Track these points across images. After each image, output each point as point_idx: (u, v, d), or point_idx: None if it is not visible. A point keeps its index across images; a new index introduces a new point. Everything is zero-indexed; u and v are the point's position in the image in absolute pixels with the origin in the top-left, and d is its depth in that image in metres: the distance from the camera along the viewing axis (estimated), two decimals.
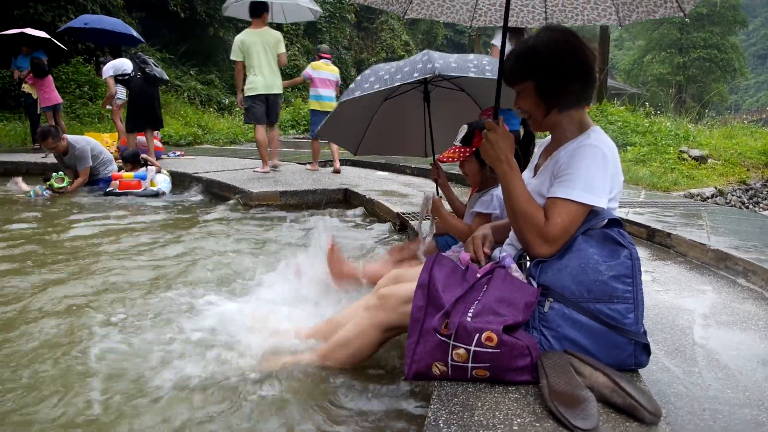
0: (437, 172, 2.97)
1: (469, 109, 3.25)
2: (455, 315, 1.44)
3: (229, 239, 4.19)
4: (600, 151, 1.61)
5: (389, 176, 7.27)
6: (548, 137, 1.86)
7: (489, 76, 2.69)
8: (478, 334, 1.39)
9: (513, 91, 1.78)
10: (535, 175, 1.81)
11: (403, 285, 1.92)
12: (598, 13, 2.77)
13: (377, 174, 7.46)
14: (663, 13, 2.58)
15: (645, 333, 1.51)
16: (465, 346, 1.40)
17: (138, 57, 7.58)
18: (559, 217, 1.56)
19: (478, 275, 1.60)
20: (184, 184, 6.56)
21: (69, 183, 6.14)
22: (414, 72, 2.74)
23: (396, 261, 2.81)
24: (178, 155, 9.06)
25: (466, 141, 2.43)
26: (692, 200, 6.18)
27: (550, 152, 1.77)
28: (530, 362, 1.41)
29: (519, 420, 1.27)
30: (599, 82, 12.81)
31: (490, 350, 1.39)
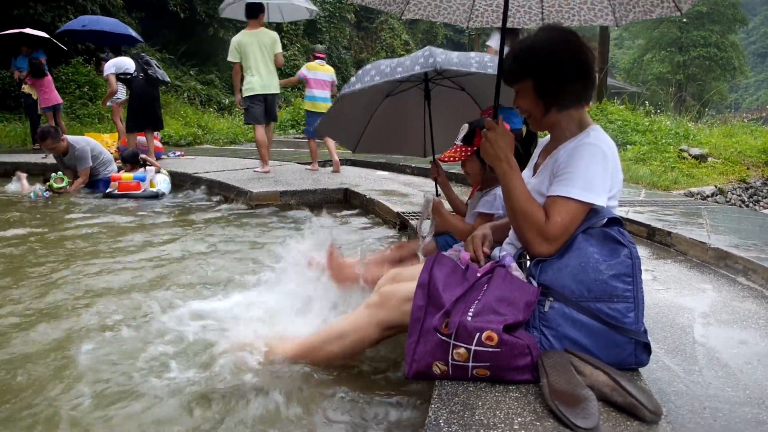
0: (437, 171, 2.98)
1: (470, 109, 3.25)
2: (455, 314, 1.44)
3: (229, 239, 4.19)
4: (599, 150, 1.61)
5: (389, 176, 7.27)
6: (548, 136, 1.86)
7: (491, 72, 2.68)
8: (478, 334, 1.39)
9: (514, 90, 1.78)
10: (535, 173, 1.82)
11: (404, 284, 1.92)
12: (595, 14, 2.76)
13: (377, 174, 7.45)
14: (660, 12, 2.57)
15: (645, 332, 1.51)
16: (465, 346, 1.40)
17: (141, 58, 7.57)
18: (559, 215, 1.57)
19: (479, 274, 1.60)
20: (184, 184, 6.56)
21: (69, 183, 6.13)
22: (416, 66, 2.74)
23: (395, 260, 2.81)
24: (178, 155, 9.06)
25: (468, 140, 2.43)
26: (692, 199, 6.18)
27: (549, 151, 1.77)
28: (531, 361, 1.42)
29: (520, 419, 1.27)
30: (599, 81, 12.83)
31: (491, 349, 1.39)
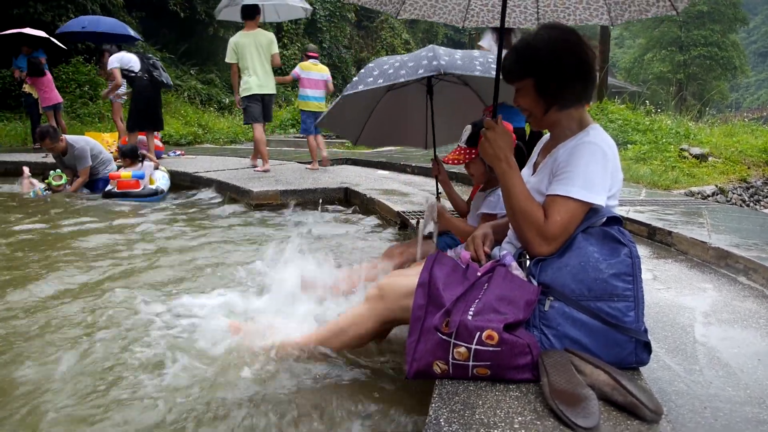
0: (438, 169, 2.98)
1: (472, 104, 3.24)
2: (456, 313, 1.44)
3: (229, 239, 4.19)
4: (599, 149, 1.61)
5: (390, 175, 7.27)
6: (547, 135, 1.86)
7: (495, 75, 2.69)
8: (478, 333, 1.39)
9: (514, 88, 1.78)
10: (534, 172, 1.81)
11: (403, 278, 1.92)
12: (590, 13, 2.76)
13: (378, 173, 7.45)
14: (655, 11, 2.56)
15: (646, 331, 1.51)
16: (466, 345, 1.40)
17: (148, 59, 7.57)
18: (558, 215, 1.56)
19: (479, 274, 1.60)
20: (184, 183, 6.56)
21: (67, 181, 6.12)
22: (419, 68, 2.74)
23: (396, 265, 2.79)
24: (178, 155, 9.06)
25: (471, 142, 2.42)
26: (693, 198, 6.17)
27: (549, 150, 1.77)
28: (531, 361, 1.41)
29: (520, 418, 1.27)
30: (600, 81, 12.80)
31: (491, 348, 1.39)
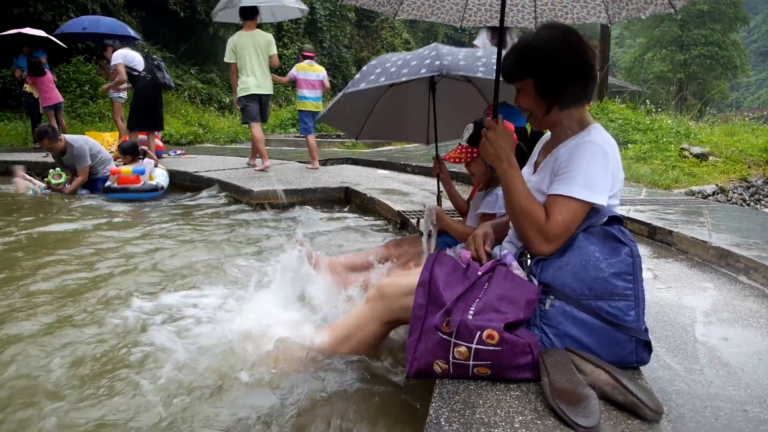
0: (439, 167, 2.97)
1: (475, 101, 3.23)
2: (456, 313, 1.44)
3: (229, 238, 4.19)
4: (600, 148, 1.61)
5: (390, 174, 7.26)
6: (548, 134, 1.86)
7: None
8: (479, 332, 1.39)
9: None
10: (535, 172, 1.81)
11: (402, 277, 1.92)
12: (588, 11, 2.75)
13: (378, 172, 7.45)
14: (653, 10, 2.55)
15: (646, 330, 1.51)
16: (466, 344, 1.40)
17: (153, 59, 7.57)
18: (559, 214, 1.56)
19: (479, 273, 1.60)
20: (185, 183, 6.56)
21: (67, 180, 6.10)
22: (421, 68, 2.74)
23: (400, 265, 2.79)
24: (178, 154, 9.07)
25: (473, 141, 2.42)
26: (693, 198, 6.17)
27: (549, 149, 1.77)
28: (531, 360, 1.41)
29: (520, 417, 1.27)
30: (600, 80, 12.80)
31: (492, 348, 1.39)
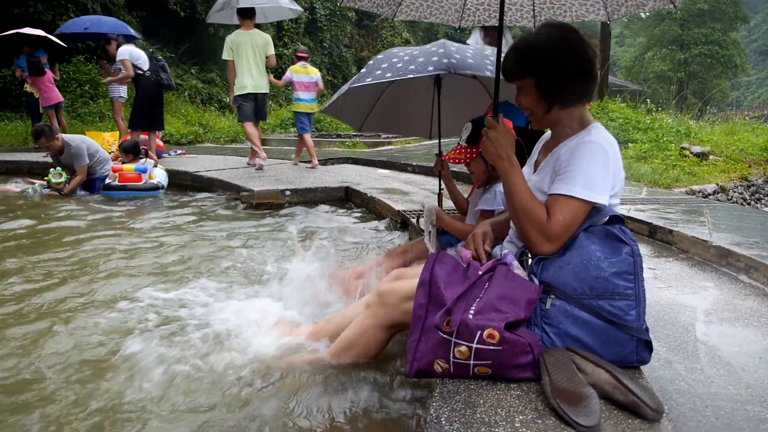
0: (441, 165, 2.97)
1: (481, 97, 3.23)
2: (457, 312, 1.44)
3: (230, 238, 4.19)
4: (601, 148, 1.60)
5: (390, 174, 7.26)
6: (548, 133, 1.86)
7: None
8: (480, 332, 1.39)
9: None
10: (535, 171, 1.81)
11: (402, 282, 1.91)
12: (587, 9, 2.74)
13: (378, 172, 7.45)
14: (653, 6, 2.53)
15: (647, 330, 1.51)
16: (467, 344, 1.40)
17: (157, 59, 7.57)
18: (560, 214, 1.56)
19: (480, 272, 1.60)
20: (185, 182, 6.56)
21: (67, 180, 6.07)
22: (428, 65, 2.73)
23: (398, 265, 2.80)
24: (179, 154, 9.06)
25: (472, 141, 2.42)
26: (694, 197, 6.17)
27: (550, 148, 1.77)
28: (532, 359, 1.41)
29: (521, 417, 1.27)
30: (600, 79, 12.77)
31: (492, 347, 1.39)
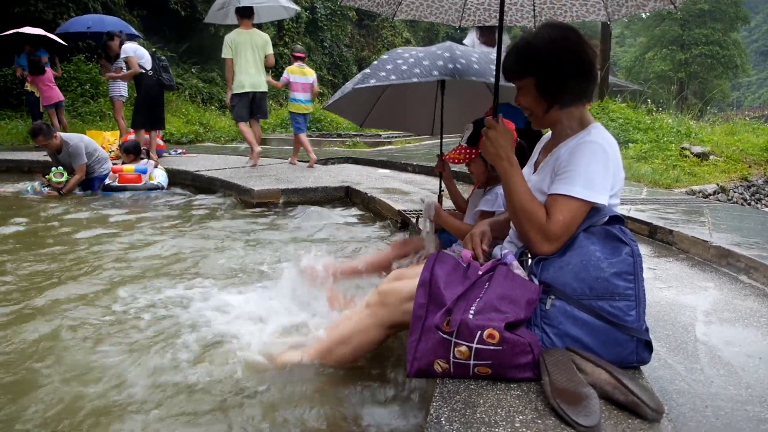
0: (442, 165, 2.97)
1: (484, 97, 3.22)
2: (457, 312, 1.44)
3: (230, 237, 4.19)
4: (600, 148, 1.60)
5: (391, 174, 7.26)
6: (548, 133, 1.86)
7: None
8: (480, 332, 1.39)
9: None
10: (535, 171, 1.81)
11: (403, 282, 1.91)
12: (587, 9, 2.73)
13: (378, 171, 7.45)
14: (653, 6, 2.53)
15: (647, 330, 1.51)
16: (467, 344, 1.40)
17: (160, 59, 7.58)
18: (560, 214, 1.56)
19: (480, 272, 1.60)
20: (186, 182, 6.56)
21: (68, 178, 6.02)
22: (433, 69, 2.73)
23: (398, 255, 2.81)
24: (179, 153, 9.07)
25: (472, 141, 2.42)
26: (694, 197, 6.17)
27: (550, 149, 1.77)
28: (532, 359, 1.41)
29: (521, 417, 1.27)
30: (601, 79, 12.77)
31: (492, 347, 1.39)
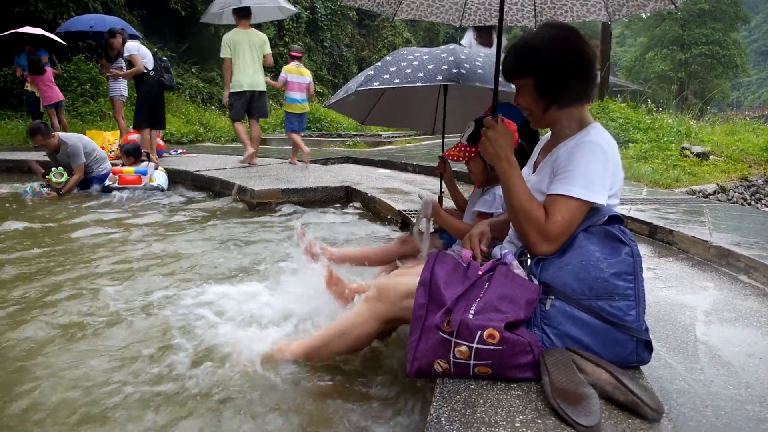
0: (443, 167, 2.97)
1: (486, 95, 3.22)
2: (457, 312, 1.44)
3: (229, 237, 4.19)
4: (600, 148, 1.60)
5: (391, 174, 7.27)
6: (548, 134, 1.86)
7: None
8: (480, 332, 1.39)
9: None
10: (535, 171, 1.81)
11: (402, 278, 1.92)
12: (588, 9, 2.73)
13: (379, 171, 7.45)
14: (654, 6, 2.52)
15: (647, 330, 1.51)
16: (467, 344, 1.40)
17: (162, 60, 7.59)
18: (559, 214, 1.56)
19: (480, 272, 1.60)
20: (186, 182, 6.56)
21: (68, 179, 6.00)
22: (437, 74, 2.73)
23: (398, 253, 2.81)
24: (179, 153, 9.07)
25: (473, 140, 2.42)
26: (694, 197, 6.17)
27: (549, 149, 1.77)
28: (532, 359, 1.42)
29: (521, 417, 1.27)
30: (601, 79, 12.76)
31: (492, 347, 1.39)
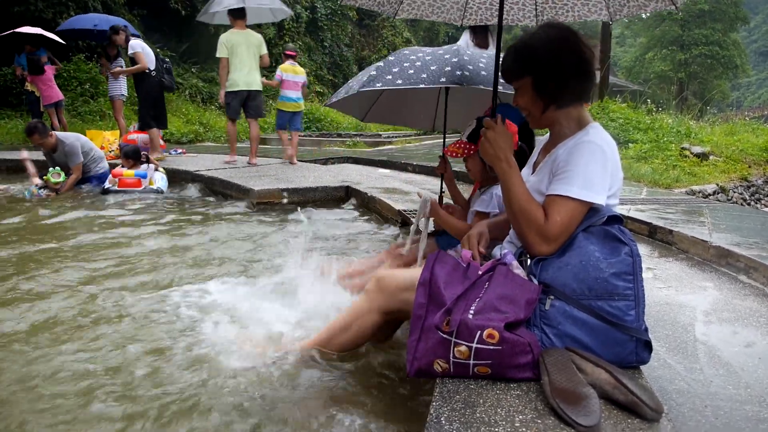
0: (444, 167, 2.97)
1: (487, 95, 3.23)
2: (457, 312, 1.44)
3: (229, 237, 4.19)
4: (599, 148, 1.61)
5: (391, 174, 7.27)
6: (547, 134, 1.86)
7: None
8: (479, 331, 1.39)
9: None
10: (534, 171, 1.81)
11: (401, 271, 1.93)
12: (589, 9, 2.73)
13: (379, 171, 7.46)
14: (654, 6, 2.53)
15: (646, 330, 1.51)
16: (467, 343, 1.40)
17: (164, 61, 7.63)
18: (558, 214, 1.56)
19: (480, 272, 1.60)
20: (186, 182, 6.56)
21: (66, 179, 5.97)
22: (441, 76, 2.72)
23: (400, 265, 2.80)
24: (179, 153, 9.07)
25: (473, 137, 2.42)
26: (694, 197, 6.17)
27: (548, 149, 1.77)
28: (532, 359, 1.42)
29: (521, 417, 1.27)
30: (601, 79, 12.78)
31: (492, 347, 1.39)
